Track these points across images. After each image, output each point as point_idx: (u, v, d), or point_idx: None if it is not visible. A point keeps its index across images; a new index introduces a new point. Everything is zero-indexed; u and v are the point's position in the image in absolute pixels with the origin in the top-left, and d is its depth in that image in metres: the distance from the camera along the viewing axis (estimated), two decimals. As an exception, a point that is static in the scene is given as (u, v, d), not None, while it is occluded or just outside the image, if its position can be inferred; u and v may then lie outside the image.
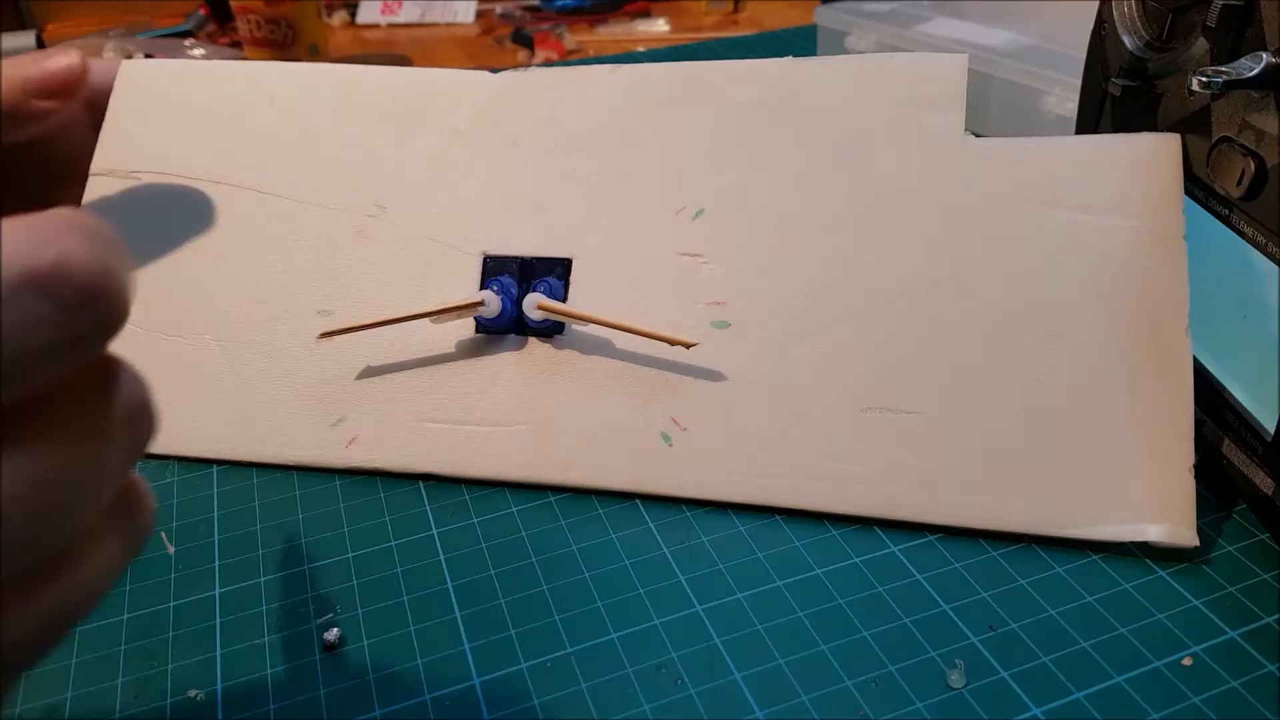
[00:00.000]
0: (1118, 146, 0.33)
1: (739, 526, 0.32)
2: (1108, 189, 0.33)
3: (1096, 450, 0.31)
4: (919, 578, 0.30)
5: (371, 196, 0.38)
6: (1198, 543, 0.29)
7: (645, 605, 0.29)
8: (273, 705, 0.26)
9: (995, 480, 0.31)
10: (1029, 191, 0.33)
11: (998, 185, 0.34)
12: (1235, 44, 0.28)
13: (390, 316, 0.35)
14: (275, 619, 0.29)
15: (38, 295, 0.15)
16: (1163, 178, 0.32)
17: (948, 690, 0.26)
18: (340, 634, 0.28)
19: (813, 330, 0.34)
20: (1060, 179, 0.33)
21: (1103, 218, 0.32)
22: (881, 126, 0.35)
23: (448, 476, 0.34)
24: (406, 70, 0.40)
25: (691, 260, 0.35)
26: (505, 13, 0.96)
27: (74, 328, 0.16)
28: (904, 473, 0.32)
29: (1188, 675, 0.26)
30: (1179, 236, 0.32)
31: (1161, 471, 0.30)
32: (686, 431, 0.33)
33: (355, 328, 0.35)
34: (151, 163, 0.39)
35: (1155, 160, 0.32)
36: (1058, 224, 0.33)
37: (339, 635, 0.28)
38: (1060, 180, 0.33)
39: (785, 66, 0.37)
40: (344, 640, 0.28)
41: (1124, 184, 0.32)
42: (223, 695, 0.27)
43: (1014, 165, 0.34)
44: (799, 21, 0.88)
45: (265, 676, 0.27)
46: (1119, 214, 0.32)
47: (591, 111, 0.38)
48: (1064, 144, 0.34)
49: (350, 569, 0.31)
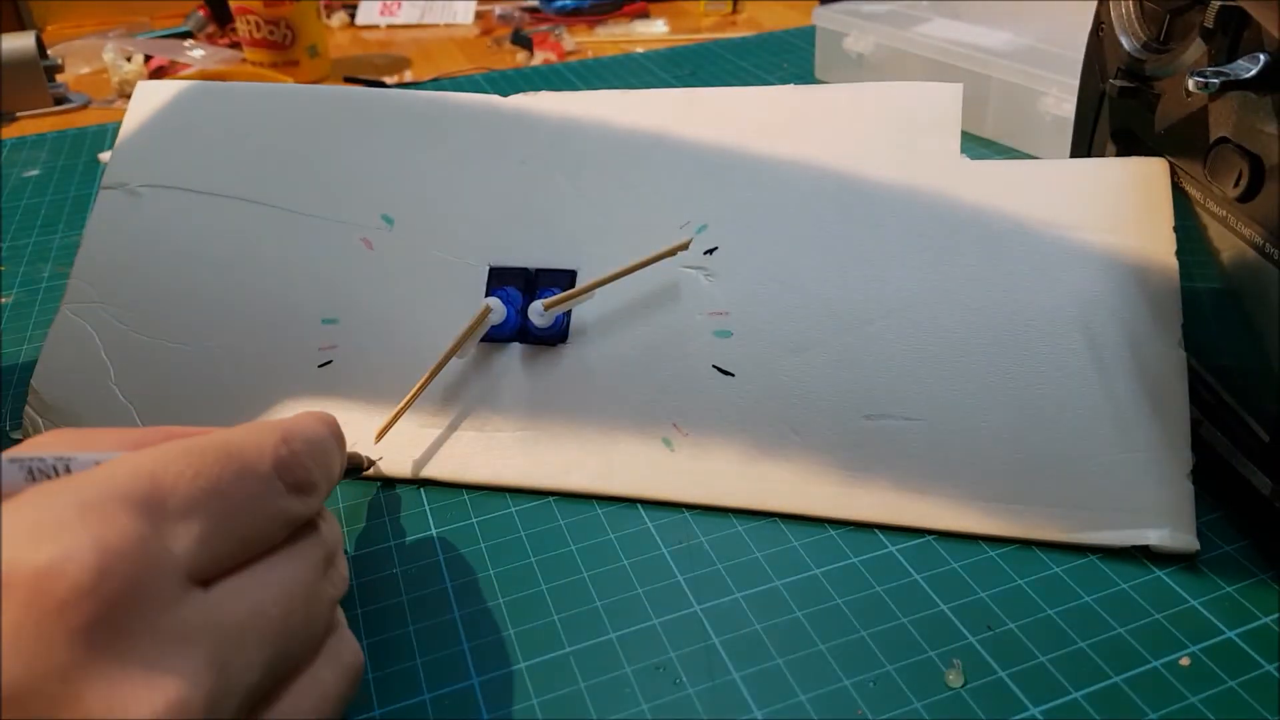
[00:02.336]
0: (1110, 168, 0.34)
1: (737, 526, 0.32)
2: (1101, 208, 0.34)
3: (1095, 457, 0.31)
4: (917, 578, 0.30)
5: (379, 210, 0.38)
6: (1198, 547, 0.30)
7: (644, 605, 0.29)
8: (272, 705, 0.26)
9: (995, 487, 0.31)
10: (1024, 210, 0.34)
11: (994, 204, 0.35)
12: (1233, 45, 0.28)
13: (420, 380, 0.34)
14: (274, 619, 0.29)
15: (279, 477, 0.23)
16: (1154, 197, 0.33)
17: (946, 690, 0.26)
18: (339, 634, 0.28)
19: (814, 340, 0.34)
20: (1055, 199, 0.34)
21: (1096, 236, 0.34)
22: (880, 149, 0.36)
23: (449, 482, 0.34)
24: (418, 93, 0.40)
25: (694, 273, 0.36)
26: (504, 14, 0.96)
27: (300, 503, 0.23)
28: (905, 480, 0.32)
29: (1186, 675, 0.26)
30: (1170, 253, 0.33)
31: (1160, 477, 0.30)
32: (688, 437, 0.33)
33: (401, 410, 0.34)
34: (162, 178, 0.40)
35: (1146, 181, 0.34)
36: (1053, 241, 0.34)
37: (338, 635, 0.28)
38: (1055, 200, 0.34)
39: (788, 93, 0.38)
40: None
41: (1117, 203, 0.34)
42: (222, 695, 0.27)
43: (1009, 185, 0.35)
44: (797, 23, 0.88)
45: (264, 676, 0.27)
46: (1112, 232, 0.33)
47: (599, 132, 0.38)
48: (1058, 166, 0.35)
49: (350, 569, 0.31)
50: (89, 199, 0.59)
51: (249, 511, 0.21)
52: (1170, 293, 0.32)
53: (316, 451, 0.24)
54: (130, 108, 0.42)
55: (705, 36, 0.88)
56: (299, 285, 0.37)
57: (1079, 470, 0.31)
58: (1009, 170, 0.35)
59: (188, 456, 0.21)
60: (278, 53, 0.79)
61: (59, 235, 0.55)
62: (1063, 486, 0.31)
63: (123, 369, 0.37)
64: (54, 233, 0.55)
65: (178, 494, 0.20)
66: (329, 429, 0.26)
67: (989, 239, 0.34)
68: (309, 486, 0.23)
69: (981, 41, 0.60)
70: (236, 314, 0.37)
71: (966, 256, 0.34)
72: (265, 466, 0.22)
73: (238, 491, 0.21)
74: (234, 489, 0.21)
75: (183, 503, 0.20)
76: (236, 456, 0.22)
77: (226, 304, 0.38)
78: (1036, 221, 0.34)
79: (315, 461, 0.24)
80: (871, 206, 0.35)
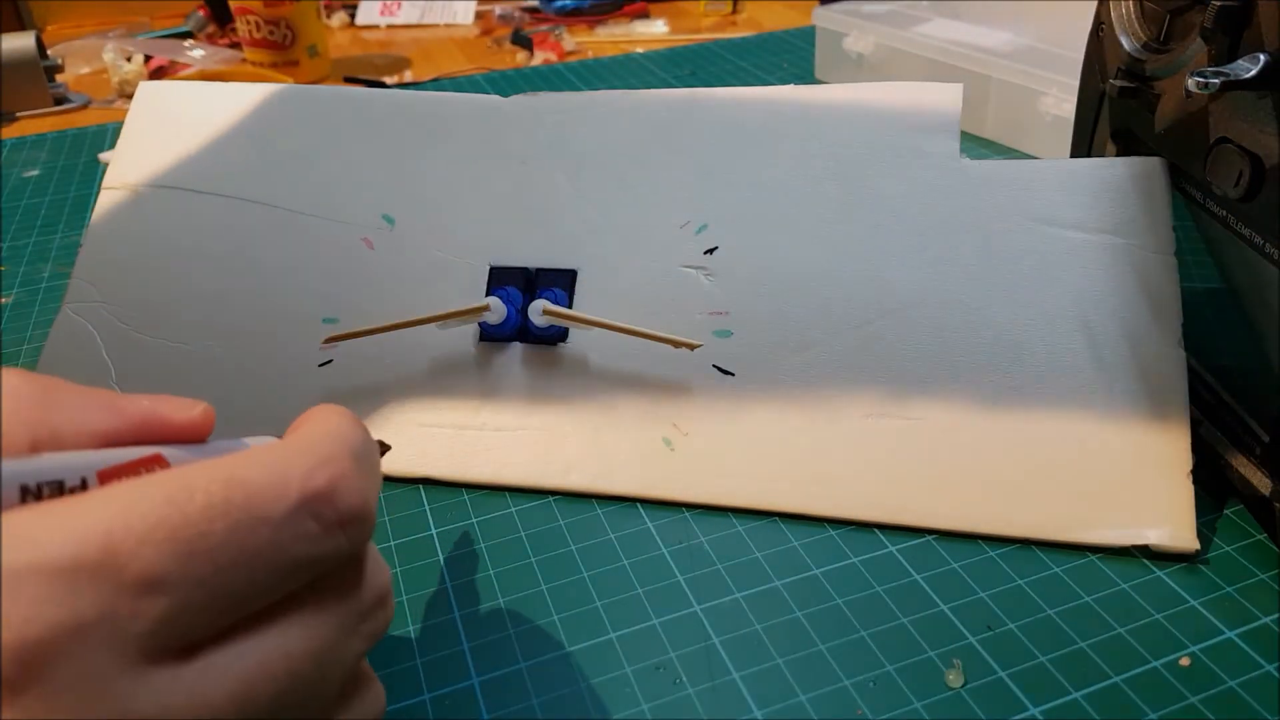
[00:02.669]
0: (1109, 168, 0.34)
1: (737, 526, 0.32)
2: (1100, 208, 0.34)
3: (1095, 456, 0.31)
4: (917, 578, 0.30)
5: (380, 210, 0.38)
6: (1198, 546, 0.30)
7: (644, 605, 0.29)
8: (272, 705, 0.26)
9: (995, 486, 0.31)
10: (1024, 210, 0.34)
11: (993, 204, 0.35)
12: (1233, 45, 0.28)
13: (396, 322, 0.35)
14: (275, 619, 0.29)
15: (310, 516, 0.18)
16: (1153, 197, 0.33)
17: (946, 690, 0.26)
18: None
19: (814, 339, 0.34)
20: (1054, 198, 0.34)
21: (1096, 235, 0.34)
22: (881, 149, 0.36)
23: (449, 481, 0.34)
24: (420, 93, 0.40)
25: (694, 272, 0.36)
26: (504, 14, 0.96)
27: (332, 545, 0.19)
28: (905, 479, 0.32)
29: (1186, 675, 0.26)
30: (1170, 253, 0.33)
31: (1160, 476, 0.30)
32: (688, 436, 0.33)
33: (361, 332, 0.35)
34: (164, 178, 0.40)
35: (1145, 181, 0.34)
36: (1052, 241, 0.34)
37: (338, 635, 0.28)
38: (1054, 200, 0.34)
39: (789, 93, 0.38)
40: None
41: (1116, 203, 0.34)
42: (222, 695, 0.27)
43: (1009, 185, 0.35)
44: (797, 23, 0.88)
45: (265, 676, 0.27)
46: (1112, 232, 0.33)
47: (599, 132, 0.38)
48: (1057, 165, 0.35)
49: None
50: (89, 199, 0.59)
51: (247, 569, 0.17)
52: (1170, 293, 0.32)
53: (365, 469, 0.20)
54: (133, 108, 0.42)
55: (705, 36, 0.88)
56: (300, 285, 0.37)
57: (1079, 470, 0.31)
58: (1009, 170, 0.35)
59: (164, 507, 0.17)
60: (278, 53, 0.79)
61: (59, 235, 0.55)
62: (1062, 486, 0.31)
63: (124, 368, 0.37)
64: (54, 233, 0.55)
65: (139, 561, 0.16)
66: (365, 431, 0.21)
67: (989, 239, 0.34)
68: (353, 520, 0.19)
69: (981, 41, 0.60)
70: (238, 313, 0.37)
71: (966, 256, 0.34)
72: (284, 507, 0.18)
73: (231, 548, 0.17)
74: (225, 545, 0.17)
75: (145, 571, 0.16)
76: (238, 505, 0.18)
77: (228, 303, 0.38)
78: (1036, 221, 0.34)
79: (366, 483, 0.20)
80: (871, 206, 0.35)
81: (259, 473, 0.18)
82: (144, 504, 0.17)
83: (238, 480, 0.18)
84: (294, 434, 0.20)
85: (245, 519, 0.17)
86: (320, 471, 0.19)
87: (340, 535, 0.19)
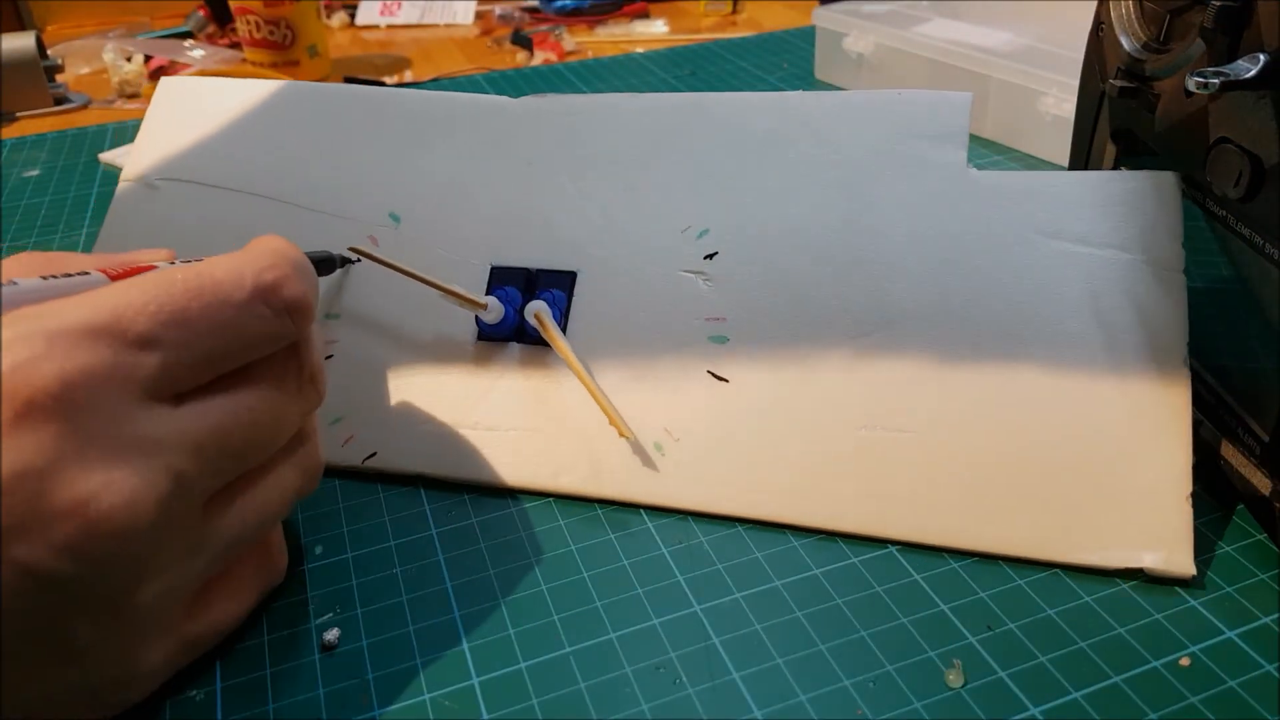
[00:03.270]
0: (1118, 182, 0.33)
1: (737, 527, 0.32)
2: (1108, 222, 0.33)
3: (1093, 476, 0.31)
4: (917, 578, 0.30)
5: (387, 208, 0.38)
6: (1194, 571, 0.29)
7: (644, 605, 0.29)
8: (272, 705, 0.26)
9: (991, 504, 0.31)
10: (1030, 223, 0.34)
11: (999, 216, 0.34)
12: (1232, 45, 0.28)
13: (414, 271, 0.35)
14: (275, 619, 0.29)
15: (262, 303, 0.25)
16: (1162, 213, 0.33)
17: (946, 690, 0.26)
18: (340, 634, 0.28)
19: (812, 349, 0.34)
20: (1060, 212, 0.34)
21: (1102, 250, 0.33)
22: (887, 158, 0.36)
23: (441, 478, 0.34)
24: (430, 92, 0.41)
25: (693, 277, 0.36)
26: (504, 14, 0.96)
27: (279, 326, 0.25)
28: (899, 493, 0.31)
29: (1186, 675, 0.26)
30: (1178, 270, 0.32)
31: (1159, 499, 0.30)
32: (679, 442, 0.33)
33: (383, 261, 0.35)
34: (179, 171, 0.41)
35: (1155, 195, 0.33)
36: (1057, 255, 0.33)
37: (338, 635, 0.28)
38: (1060, 213, 0.33)
39: (796, 99, 0.38)
40: (344, 640, 0.28)
41: (1124, 218, 0.33)
42: (222, 695, 0.27)
43: (1015, 198, 0.34)
44: (797, 23, 0.88)
45: (265, 676, 0.27)
46: (1119, 247, 0.33)
47: (605, 135, 0.38)
48: (1065, 178, 0.34)
49: (350, 569, 0.31)
50: (89, 199, 0.59)
51: (217, 337, 0.24)
52: (1177, 312, 0.32)
53: (303, 275, 0.26)
54: (152, 102, 0.43)
55: (705, 36, 0.88)
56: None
57: (1077, 488, 0.30)
58: (1016, 181, 0.34)
59: (155, 289, 0.23)
60: (278, 53, 0.79)
61: (59, 235, 0.55)
62: (1060, 504, 0.30)
63: None
64: (54, 233, 0.55)
65: (138, 325, 0.22)
66: (300, 252, 0.27)
67: (993, 251, 0.33)
68: (295, 307, 0.25)
69: (981, 41, 0.60)
70: None
71: (970, 268, 0.33)
72: (242, 295, 0.24)
73: (204, 320, 0.23)
74: (200, 318, 0.23)
75: (143, 332, 0.22)
76: (208, 289, 0.24)
77: None
78: (1042, 235, 0.33)
79: (305, 284, 0.26)
80: (875, 215, 0.35)
81: (222, 271, 0.24)
82: (139, 289, 0.23)
83: (207, 274, 0.24)
84: (246, 249, 0.26)
85: (214, 301, 0.24)
86: (269, 272, 0.25)
87: (286, 319, 0.25)
